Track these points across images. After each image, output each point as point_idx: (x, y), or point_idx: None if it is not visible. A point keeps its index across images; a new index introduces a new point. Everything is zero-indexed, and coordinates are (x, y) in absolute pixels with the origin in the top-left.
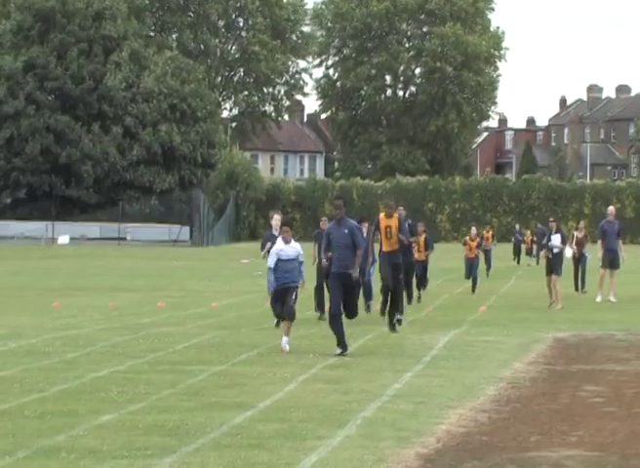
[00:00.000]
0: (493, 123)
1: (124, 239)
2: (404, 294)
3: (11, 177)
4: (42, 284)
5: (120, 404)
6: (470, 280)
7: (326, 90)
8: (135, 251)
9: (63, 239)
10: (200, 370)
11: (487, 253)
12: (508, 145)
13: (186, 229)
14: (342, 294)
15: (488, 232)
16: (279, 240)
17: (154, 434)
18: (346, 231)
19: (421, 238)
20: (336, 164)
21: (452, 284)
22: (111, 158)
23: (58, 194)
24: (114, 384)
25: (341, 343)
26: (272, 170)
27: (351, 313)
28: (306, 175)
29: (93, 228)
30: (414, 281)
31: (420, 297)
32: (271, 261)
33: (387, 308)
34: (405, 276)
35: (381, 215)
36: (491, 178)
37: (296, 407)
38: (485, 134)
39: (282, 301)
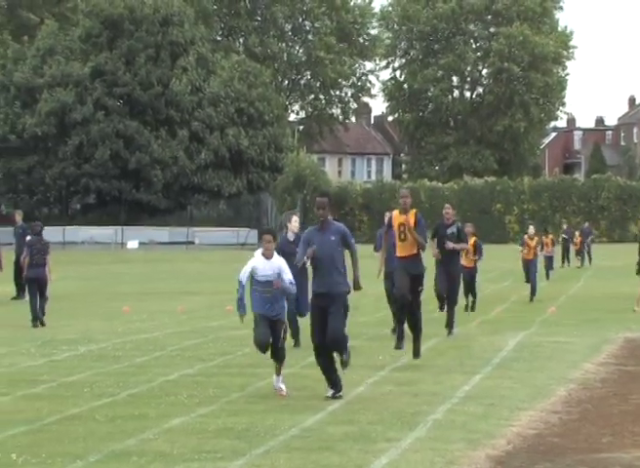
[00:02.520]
0: (561, 123)
1: (192, 243)
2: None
3: (80, 183)
4: (112, 288)
5: (190, 407)
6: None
7: (393, 92)
8: (203, 254)
9: (133, 243)
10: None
11: (548, 259)
12: (577, 145)
13: (254, 232)
14: (323, 323)
15: (547, 237)
16: (257, 254)
17: (224, 437)
18: (333, 238)
19: (471, 241)
20: (403, 166)
21: (520, 285)
22: (180, 162)
23: (127, 199)
24: (184, 388)
25: (332, 382)
26: (340, 172)
27: (331, 340)
28: (374, 177)
29: (161, 232)
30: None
31: (470, 306)
32: (243, 274)
33: (398, 330)
34: (454, 286)
35: (395, 212)
36: (559, 179)
37: (365, 409)
38: (553, 134)
39: (269, 328)
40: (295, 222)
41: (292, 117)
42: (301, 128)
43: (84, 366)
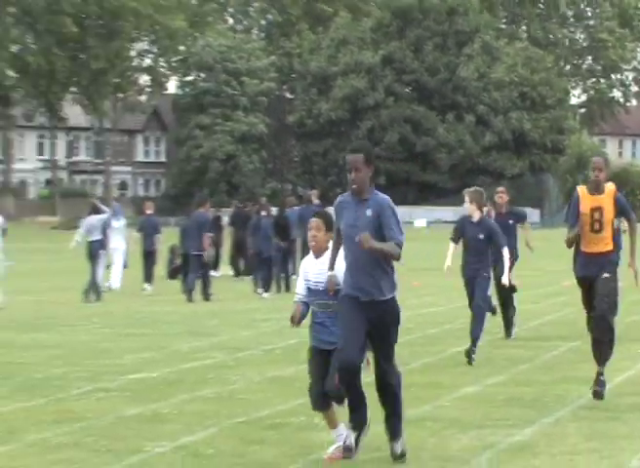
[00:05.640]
0: None
1: None
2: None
3: None
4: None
5: (480, 377)
6: None
7: None
8: None
9: (421, 222)
10: (555, 346)
11: None
12: None
13: (536, 212)
14: (364, 334)
15: None
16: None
17: (513, 406)
18: (369, 212)
19: None
20: None
21: None
22: (466, 145)
23: (415, 180)
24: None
25: (357, 418)
26: (620, 153)
27: (386, 372)
28: None
29: (448, 212)
30: None
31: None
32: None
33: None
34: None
35: (581, 189)
36: None
37: None
38: None
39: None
40: (465, 203)
41: (573, 100)
42: (583, 111)
43: None
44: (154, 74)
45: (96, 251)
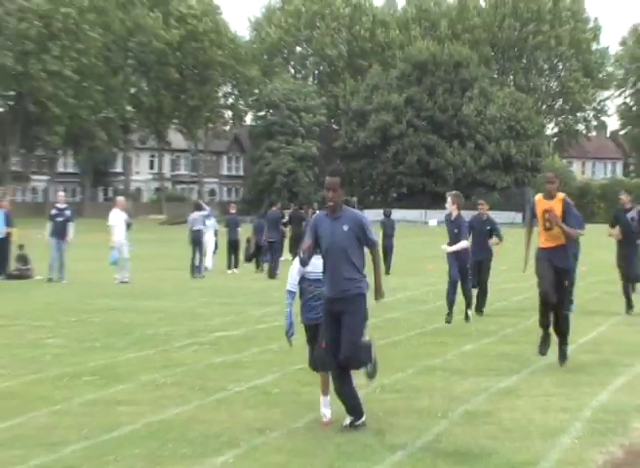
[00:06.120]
0: None
1: None
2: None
3: (396, 179)
4: (418, 253)
5: (478, 338)
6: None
7: (624, 113)
8: None
9: (433, 222)
10: (534, 315)
11: None
12: None
13: (519, 215)
14: (336, 333)
15: None
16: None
17: (502, 359)
18: (346, 228)
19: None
20: (631, 167)
21: None
22: (467, 165)
23: (429, 190)
24: (474, 323)
25: (350, 408)
26: (583, 172)
27: (346, 359)
28: (609, 176)
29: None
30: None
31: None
32: (293, 281)
33: (543, 333)
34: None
35: (538, 196)
36: None
37: (607, 343)
38: None
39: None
40: (447, 204)
41: (548, 132)
42: (555, 139)
43: (400, 307)
44: (235, 110)
45: (197, 238)
